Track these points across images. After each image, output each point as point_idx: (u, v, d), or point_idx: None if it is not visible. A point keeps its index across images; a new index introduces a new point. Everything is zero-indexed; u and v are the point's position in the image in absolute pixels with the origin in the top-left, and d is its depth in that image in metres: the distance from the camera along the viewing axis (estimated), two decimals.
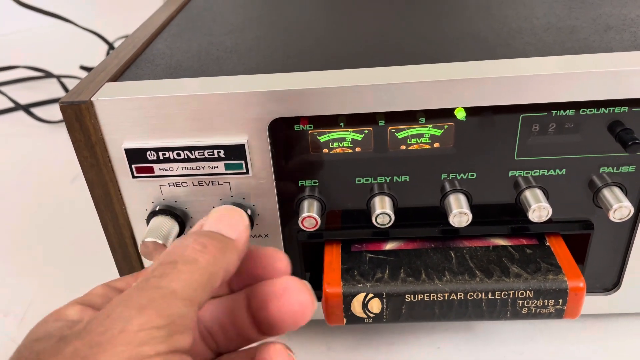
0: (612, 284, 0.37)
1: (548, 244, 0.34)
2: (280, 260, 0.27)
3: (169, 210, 0.34)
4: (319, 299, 0.34)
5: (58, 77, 0.84)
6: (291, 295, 0.25)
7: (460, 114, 0.31)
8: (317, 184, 0.33)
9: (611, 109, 0.30)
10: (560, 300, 0.31)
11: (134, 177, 0.33)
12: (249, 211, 0.33)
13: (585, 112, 0.30)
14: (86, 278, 0.47)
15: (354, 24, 0.39)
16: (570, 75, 0.29)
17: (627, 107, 0.30)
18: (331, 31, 0.38)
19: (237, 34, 0.39)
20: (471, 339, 0.38)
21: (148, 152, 0.32)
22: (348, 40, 0.36)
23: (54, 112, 0.79)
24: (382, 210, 0.32)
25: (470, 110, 0.31)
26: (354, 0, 0.45)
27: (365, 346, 0.38)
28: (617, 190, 0.32)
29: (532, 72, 0.29)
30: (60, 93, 0.83)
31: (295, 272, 0.37)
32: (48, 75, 0.87)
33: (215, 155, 0.32)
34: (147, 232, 0.32)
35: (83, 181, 0.64)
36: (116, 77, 0.33)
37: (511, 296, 0.32)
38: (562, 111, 0.30)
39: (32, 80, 0.89)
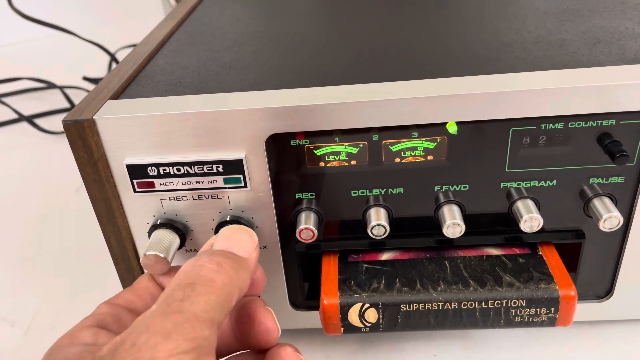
0: (605, 291, 0.37)
1: (540, 253, 0.35)
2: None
3: (170, 223, 0.35)
4: (318, 308, 0.35)
5: (61, 88, 0.85)
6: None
7: (452, 128, 0.32)
8: (314, 196, 0.34)
9: (599, 121, 0.31)
10: (552, 309, 0.32)
11: (135, 192, 0.34)
12: (256, 227, 0.34)
13: (574, 125, 0.31)
14: (90, 287, 0.48)
15: (349, 40, 0.40)
16: (558, 90, 0.29)
17: (614, 120, 0.31)
18: (326, 47, 0.39)
19: (235, 49, 0.40)
20: (467, 347, 0.39)
21: (149, 168, 0.33)
22: (343, 56, 0.37)
23: (57, 122, 0.80)
24: (378, 222, 0.33)
25: (461, 124, 0.31)
26: (350, 17, 0.46)
27: (363, 354, 0.39)
28: (607, 201, 0.33)
29: (521, 88, 0.30)
30: (63, 104, 0.84)
31: (293, 283, 0.38)
32: (51, 86, 0.88)
33: (214, 170, 0.33)
34: (148, 245, 0.33)
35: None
36: (117, 95, 0.34)
37: (504, 305, 0.32)
38: (551, 124, 0.31)
39: (35, 91, 0.90)
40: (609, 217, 0.32)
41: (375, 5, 0.48)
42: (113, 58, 0.90)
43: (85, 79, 0.89)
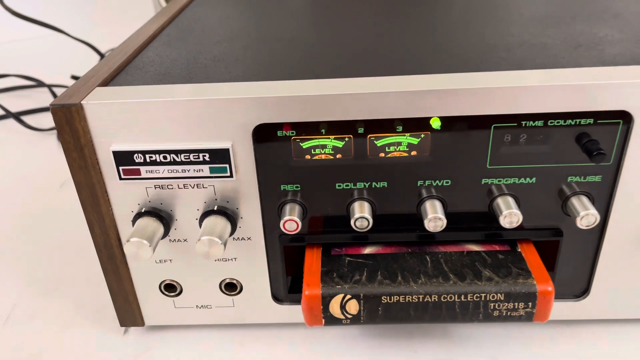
0: (582, 290, 0.38)
1: (519, 250, 0.35)
2: None
3: (154, 212, 0.35)
4: (300, 302, 0.35)
5: (49, 87, 0.85)
6: None
7: (436, 124, 0.32)
8: (299, 188, 0.35)
9: (577, 120, 0.32)
10: (530, 304, 0.33)
11: (121, 179, 0.34)
12: (241, 218, 0.35)
13: (553, 124, 0.32)
14: (72, 280, 0.48)
15: (338, 37, 0.41)
16: (538, 88, 0.30)
17: (592, 119, 0.31)
18: (315, 43, 0.40)
19: (224, 44, 0.41)
20: (447, 344, 0.39)
21: (135, 155, 0.33)
22: (331, 52, 0.38)
23: (44, 120, 0.80)
24: (361, 214, 0.34)
25: (445, 120, 0.32)
26: (340, 16, 0.47)
27: (345, 350, 0.39)
28: (584, 199, 0.33)
29: (503, 85, 0.30)
30: (51, 102, 0.84)
31: (276, 276, 0.38)
32: (40, 84, 0.88)
33: (201, 159, 0.33)
34: (132, 232, 0.33)
35: (71, 187, 0.65)
36: (106, 82, 0.35)
37: (483, 299, 0.33)
38: (531, 122, 0.32)
39: (24, 89, 0.90)
40: (586, 215, 0.32)
41: (364, 7, 0.49)
42: (103, 58, 0.90)
43: (74, 77, 0.89)
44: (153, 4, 0.99)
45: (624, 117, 0.31)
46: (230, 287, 0.39)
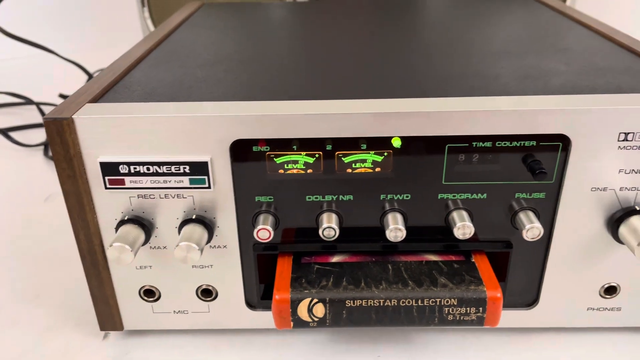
0: (532, 300, 0.41)
1: (473, 260, 0.39)
2: None
3: (136, 219, 0.37)
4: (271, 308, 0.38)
5: (37, 104, 0.87)
6: None
7: (396, 142, 0.36)
8: (272, 200, 0.38)
9: (522, 142, 0.35)
10: (481, 308, 0.36)
11: (106, 188, 0.36)
12: (218, 227, 0.37)
13: (501, 145, 0.35)
14: (54, 289, 0.50)
15: (313, 62, 0.45)
16: (486, 112, 0.34)
17: (535, 142, 0.35)
18: (292, 69, 0.43)
19: (207, 67, 0.44)
20: (409, 349, 0.42)
21: (121, 166, 0.36)
22: (306, 77, 0.41)
23: (32, 136, 0.82)
24: (329, 224, 0.37)
25: (404, 140, 0.35)
26: (317, 42, 0.51)
27: (313, 355, 0.42)
28: (530, 214, 0.37)
29: (455, 109, 0.34)
30: (38, 119, 0.87)
31: (250, 283, 0.41)
32: (28, 102, 0.90)
33: (181, 171, 0.36)
34: (115, 237, 0.36)
35: (55, 201, 0.67)
36: (96, 100, 0.38)
37: (438, 303, 0.36)
38: (481, 143, 0.35)
39: (12, 106, 0.92)
40: (531, 227, 0.36)
41: (340, 36, 0.52)
42: (91, 78, 0.93)
43: (62, 96, 0.92)
44: (141, 28, 1.02)
45: (563, 140, 0.35)
46: (206, 293, 0.41)
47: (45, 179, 0.70)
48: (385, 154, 0.36)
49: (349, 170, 0.37)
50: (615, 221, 0.37)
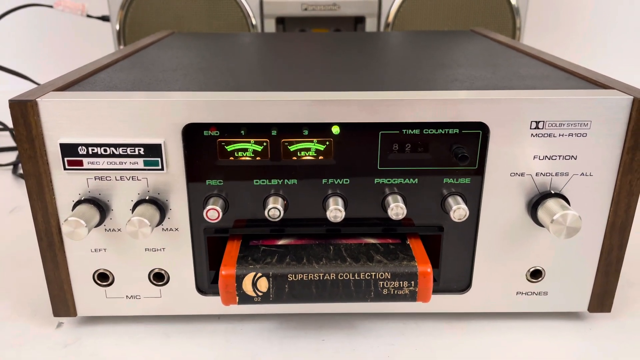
0: (465, 285, 0.44)
1: (408, 242, 0.42)
2: None
3: (92, 200, 0.40)
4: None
5: (11, 130, 0.90)
6: None
7: (335, 129, 0.39)
8: (222, 183, 0.40)
9: (447, 130, 0.39)
10: (412, 282, 0.38)
11: (65, 169, 0.39)
12: (170, 210, 0.40)
13: (428, 132, 0.39)
14: (9, 285, 0.50)
15: (270, 71, 0.49)
16: (413, 100, 0.38)
17: (458, 129, 0.39)
18: (246, 73, 0.47)
19: (169, 72, 0.48)
20: (352, 334, 0.44)
21: (79, 147, 0.38)
22: (259, 79, 0.45)
23: (2, 158, 0.84)
24: (274, 205, 0.40)
25: (342, 127, 0.39)
26: (277, 57, 0.55)
27: (260, 340, 0.43)
28: (458, 198, 0.40)
29: (386, 98, 0.38)
30: (11, 144, 0.89)
31: (200, 268, 0.43)
32: (4, 127, 0.93)
33: (136, 153, 0.39)
34: (70, 214, 0.38)
35: (19, 213, 0.68)
36: (60, 90, 0.41)
37: (373, 277, 0.38)
38: (410, 130, 0.39)
39: None
40: (458, 208, 0.39)
41: (296, 53, 0.57)
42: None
43: None
44: None
45: (482, 128, 0.39)
46: (158, 277, 0.43)
47: (12, 195, 0.72)
48: (327, 143, 0.40)
49: (295, 158, 0.40)
50: (533, 205, 0.40)
